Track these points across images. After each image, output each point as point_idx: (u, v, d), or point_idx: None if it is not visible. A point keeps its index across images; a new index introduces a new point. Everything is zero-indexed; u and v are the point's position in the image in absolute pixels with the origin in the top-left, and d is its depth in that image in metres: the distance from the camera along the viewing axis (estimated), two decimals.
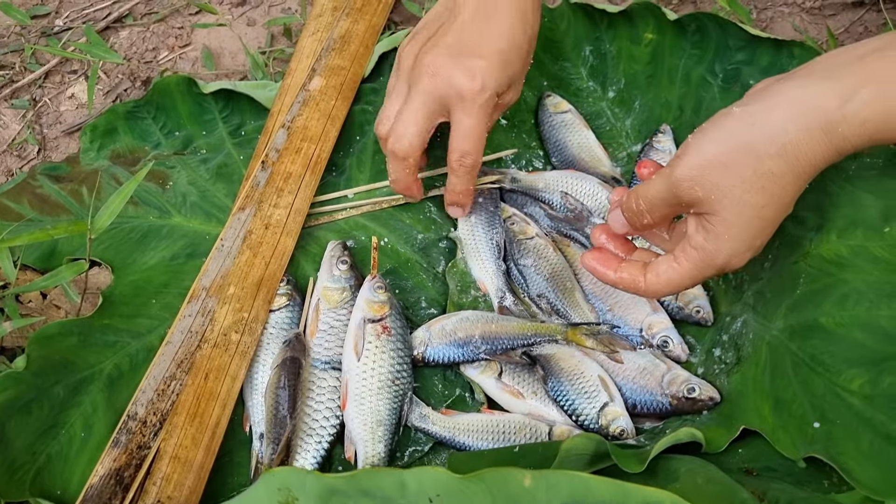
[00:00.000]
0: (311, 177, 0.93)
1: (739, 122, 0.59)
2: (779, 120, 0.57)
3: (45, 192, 0.97)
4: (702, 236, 0.62)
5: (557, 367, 0.80)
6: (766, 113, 0.58)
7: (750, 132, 0.58)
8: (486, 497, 0.52)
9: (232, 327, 0.83)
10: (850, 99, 0.56)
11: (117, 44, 1.18)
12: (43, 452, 0.76)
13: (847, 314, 0.62)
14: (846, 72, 0.57)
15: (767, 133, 0.57)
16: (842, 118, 0.56)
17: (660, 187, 0.63)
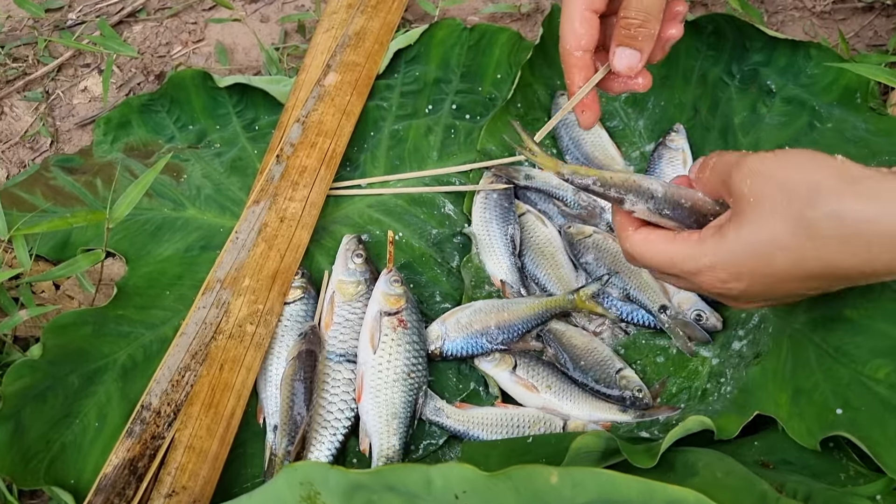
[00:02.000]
0: (326, 171, 0.94)
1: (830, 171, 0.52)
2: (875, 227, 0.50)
3: (59, 184, 0.97)
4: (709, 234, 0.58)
5: (570, 343, 0.83)
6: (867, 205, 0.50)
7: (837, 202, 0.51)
8: (511, 494, 0.52)
9: (247, 319, 0.83)
10: None
11: (130, 38, 1.18)
12: (57, 441, 0.76)
13: (872, 305, 0.63)
14: None
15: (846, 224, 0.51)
16: None
17: (729, 158, 0.58)
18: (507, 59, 1.04)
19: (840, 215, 0.51)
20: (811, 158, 0.54)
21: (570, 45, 0.68)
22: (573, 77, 0.68)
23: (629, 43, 0.66)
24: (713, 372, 0.79)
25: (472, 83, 1.04)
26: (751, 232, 0.55)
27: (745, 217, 0.55)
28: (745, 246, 0.55)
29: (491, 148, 0.96)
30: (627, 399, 0.79)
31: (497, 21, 1.15)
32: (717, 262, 0.57)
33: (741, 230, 0.55)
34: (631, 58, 0.67)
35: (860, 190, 0.50)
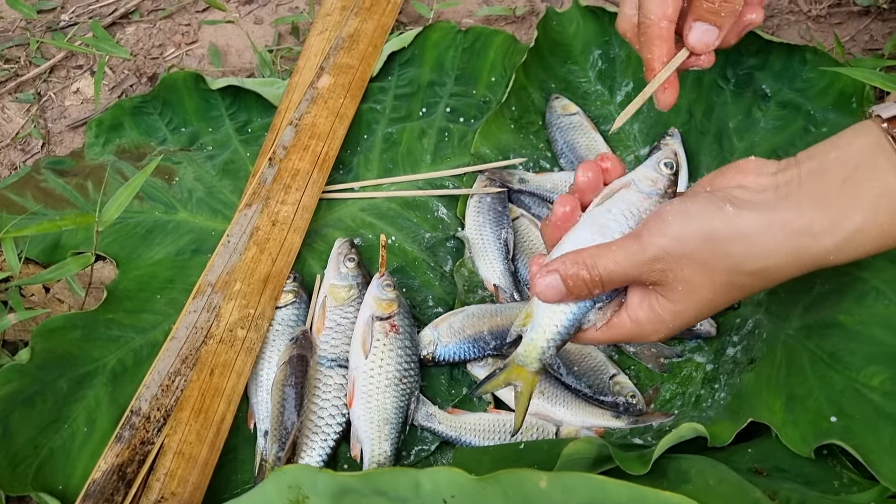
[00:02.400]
0: (318, 174, 0.93)
1: (728, 227, 0.55)
2: (769, 243, 0.55)
3: (49, 186, 0.96)
4: (645, 314, 0.60)
5: (565, 349, 0.81)
6: (759, 230, 0.55)
7: (736, 243, 0.55)
8: (501, 499, 0.52)
9: (238, 323, 0.82)
10: (842, 227, 0.54)
11: (123, 40, 1.18)
12: (45, 446, 0.75)
13: (866, 312, 0.63)
14: (835, 197, 0.54)
15: (755, 252, 0.55)
16: (835, 248, 0.54)
17: (623, 262, 0.58)
18: (502, 61, 1.03)
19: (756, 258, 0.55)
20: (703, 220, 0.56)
21: (655, 15, 0.64)
22: (655, 50, 0.65)
23: (710, 18, 0.63)
24: (707, 378, 0.79)
25: (466, 86, 1.03)
26: (697, 307, 0.58)
27: (683, 300, 0.58)
28: (691, 317, 0.59)
29: (485, 151, 0.96)
30: (621, 405, 0.79)
31: (492, 24, 1.15)
32: (666, 333, 0.61)
33: (683, 311, 0.58)
34: (708, 34, 0.64)
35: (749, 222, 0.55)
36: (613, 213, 0.61)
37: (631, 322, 0.61)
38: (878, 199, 0.54)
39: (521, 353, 0.63)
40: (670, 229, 0.56)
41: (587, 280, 0.58)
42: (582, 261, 0.58)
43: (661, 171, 0.62)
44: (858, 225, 0.54)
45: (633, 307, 0.60)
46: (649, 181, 0.62)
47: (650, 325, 0.60)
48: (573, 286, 0.59)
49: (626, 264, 0.57)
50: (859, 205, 0.54)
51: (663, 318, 0.59)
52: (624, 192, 0.62)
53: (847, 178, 0.54)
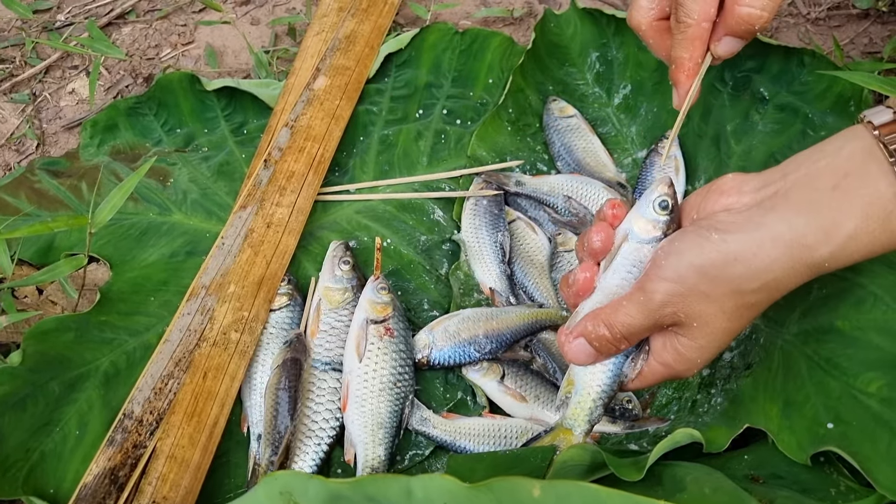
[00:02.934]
0: (314, 176, 0.92)
1: (720, 255, 0.55)
2: (763, 260, 0.55)
3: (44, 187, 0.96)
4: (671, 356, 0.61)
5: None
6: (750, 251, 0.55)
7: (732, 267, 0.55)
8: None
9: (231, 326, 0.82)
10: (835, 235, 0.54)
11: (119, 40, 1.17)
12: (37, 450, 0.75)
13: (864, 317, 0.62)
14: (826, 205, 0.54)
15: (751, 272, 0.55)
16: (829, 256, 0.54)
17: (637, 315, 0.59)
18: (499, 63, 1.03)
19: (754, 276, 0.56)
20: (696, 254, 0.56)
21: (698, 16, 0.64)
22: (693, 50, 0.65)
23: (745, 36, 0.64)
24: (704, 383, 0.78)
25: (463, 88, 1.03)
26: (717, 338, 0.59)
27: (703, 335, 0.58)
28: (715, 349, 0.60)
29: (482, 153, 0.95)
30: (617, 410, 0.78)
31: (489, 25, 1.14)
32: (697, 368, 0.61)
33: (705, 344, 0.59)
34: (736, 46, 0.65)
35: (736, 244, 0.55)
36: (620, 273, 0.61)
37: (661, 366, 0.62)
38: (868, 206, 0.53)
39: (570, 416, 0.64)
40: (666, 272, 0.57)
41: (610, 338, 0.60)
42: (600, 320, 0.60)
43: (658, 215, 0.61)
44: (851, 232, 0.54)
45: (659, 352, 0.61)
46: (646, 230, 0.61)
47: (679, 365, 0.61)
48: (600, 346, 0.61)
49: (639, 316, 0.59)
50: (850, 212, 0.54)
51: (689, 356, 0.60)
52: (624, 248, 0.62)
53: (837, 186, 0.54)
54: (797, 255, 0.54)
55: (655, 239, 0.61)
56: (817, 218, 0.54)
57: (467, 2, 1.17)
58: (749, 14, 0.63)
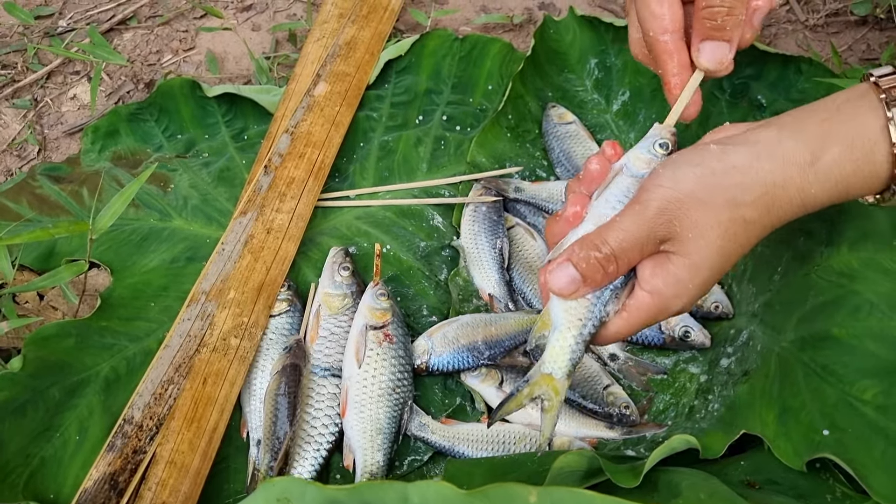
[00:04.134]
0: (314, 182, 0.93)
1: (719, 162, 0.56)
2: (760, 170, 0.56)
3: (45, 193, 0.96)
4: (661, 280, 0.57)
5: None
6: (748, 159, 0.56)
7: (730, 175, 0.56)
8: None
9: (231, 332, 0.82)
10: (821, 157, 0.56)
11: (121, 46, 1.18)
12: (37, 455, 0.75)
13: (860, 325, 0.62)
14: (814, 132, 0.56)
15: (748, 182, 0.56)
16: (815, 180, 0.56)
17: (630, 227, 0.56)
18: (499, 70, 1.03)
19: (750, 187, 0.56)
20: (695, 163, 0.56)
21: (653, 31, 0.63)
22: (666, 64, 0.63)
23: (717, 35, 0.61)
24: (701, 389, 0.79)
25: (462, 94, 1.03)
26: (710, 258, 0.56)
27: (696, 251, 0.56)
28: (707, 275, 0.57)
29: (481, 160, 0.96)
30: (614, 416, 0.79)
31: (489, 32, 1.15)
32: (689, 299, 0.58)
33: (698, 263, 0.56)
34: (719, 51, 0.62)
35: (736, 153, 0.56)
36: (611, 203, 0.59)
37: (650, 295, 0.57)
38: (854, 136, 0.56)
39: (549, 360, 0.58)
40: (664, 179, 0.56)
41: (600, 259, 0.56)
42: (590, 241, 0.56)
43: (656, 153, 0.60)
44: (836, 157, 0.56)
45: (647, 279, 0.57)
46: (643, 163, 0.59)
47: (670, 289, 0.57)
48: (587, 269, 0.56)
49: (632, 227, 0.56)
50: (836, 139, 0.56)
51: (681, 277, 0.56)
52: (619, 179, 0.60)
53: (827, 119, 0.57)
54: (789, 174, 0.56)
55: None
56: (805, 141, 0.56)
57: (467, 8, 1.18)
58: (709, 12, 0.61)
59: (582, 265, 0.56)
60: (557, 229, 0.61)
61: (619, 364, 0.83)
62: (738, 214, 0.56)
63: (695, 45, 0.62)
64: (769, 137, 0.57)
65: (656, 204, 0.55)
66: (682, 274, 0.56)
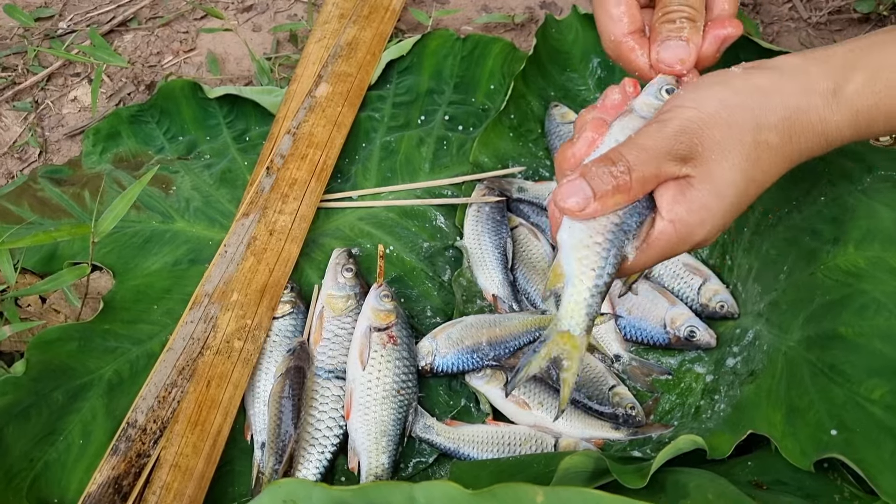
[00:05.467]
0: (316, 183, 0.93)
1: (744, 83, 0.55)
2: (783, 91, 0.55)
3: (46, 195, 0.96)
4: (684, 207, 0.53)
5: None
6: (772, 82, 0.55)
7: (753, 96, 0.55)
8: None
9: (235, 334, 0.82)
10: (843, 87, 0.56)
11: (121, 47, 1.17)
12: (40, 459, 0.75)
13: (867, 324, 0.62)
14: (839, 60, 0.57)
15: (772, 104, 0.55)
16: (836, 107, 0.56)
17: (649, 143, 0.53)
18: (501, 69, 1.03)
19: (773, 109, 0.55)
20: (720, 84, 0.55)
21: (614, 35, 0.62)
22: (636, 61, 0.62)
23: (675, 36, 0.60)
24: (707, 389, 0.78)
25: (465, 94, 1.03)
26: (734, 182, 0.54)
27: (720, 174, 0.54)
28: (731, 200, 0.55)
29: (484, 160, 0.95)
30: (620, 416, 0.78)
31: (491, 31, 1.14)
32: (712, 228, 0.55)
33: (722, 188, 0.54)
34: (680, 49, 0.60)
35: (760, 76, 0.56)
36: (618, 139, 0.56)
37: (672, 224, 0.54)
38: (878, 67, 0.56)
39: (565, 314, 0.54)
40: (685, 100, 0.55)
41: (613, 172, 0.52)
42: (604, 157, 0.53)
43: (662, 97, 0.58)
44: (858, 87, 0.56)
45: (669, 206, 0.54)
46: (651, 107, 0.58)
47: (694, 216, 0.54)
48: (599, 183, 0.52)
49: (650, 142, 0.53)
50: (860, 67, 0.56)
51: (706, 202, 0.53)
52: (625, 119, 0.58)
53: (853, 49, 0.57)
54: (812, 101, 0.55)
55: None
56: (831, 69, 0.56)
57: (469, 8, 1.18)
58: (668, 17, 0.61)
59: (594, 180, 0.53)
60: (569, 154, 0.58)
61: (623, 365, 0.83)
62: (761, 137, 0.55)
63: (654, 49, 0.61)
64: (794, 63, 0.57)
65: (677, 122, 0.53)
66: (706, 199, 0.54)
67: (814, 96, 0.56)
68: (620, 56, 0.64)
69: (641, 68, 0.63)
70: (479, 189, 0.93)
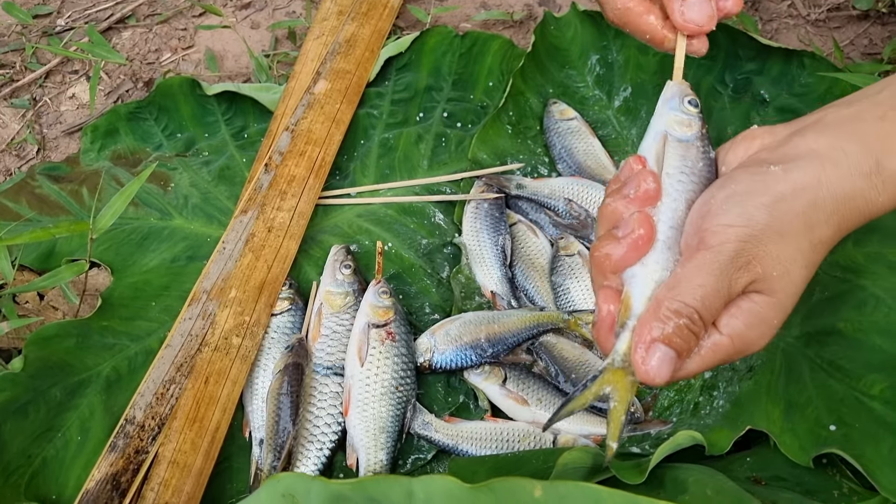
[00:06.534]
0: (314, 180, 0.92)
1: (787, 185, 0.50)
2: (828, 184, 0.50)
3: (44, 192, 0.96)
4: (742, 322, 0.50)
5: (562, 356, 0.82)
6: (815, 177, 0.50)
7: (800, 199, 0.50)
8: None
9: (233, 331, 0.82)
10: (885, 164, 0.51)
11: (119, 44, 1.17)
12: (38, 456, 0.75)
13: (866, 319, 0.62)
14: (874, 133, 0.51)
15: (819, 200, 0.50)
16: (882, 187, 0.51)
17: (707, 278, 0.49)
18: (499, 66, 1.03)
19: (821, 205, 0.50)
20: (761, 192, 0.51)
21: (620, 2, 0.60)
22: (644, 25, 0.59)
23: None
24: (706, 385, 0.78)
25: (463, 91, 1.03)
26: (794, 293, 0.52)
27: (782, 288, 0.51)
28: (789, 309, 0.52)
29: (482, 156, 0.95)
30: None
31: (489, 28, 1.14)
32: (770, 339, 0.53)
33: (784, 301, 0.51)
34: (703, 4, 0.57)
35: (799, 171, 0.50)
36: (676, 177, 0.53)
37: (729, 339, 0.51)
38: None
39: (622, 352, 0.51)
40: (731, 217, 0.50)
41: (690, 326, 0.49)
42: (666, 309, 0.49)
43: (690, 112, 0.55)
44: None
45: (726, 321, 0.51)
46: (683, 125, 0.54)
47: (754, 331, 0.51)
48: (681, 343, 0.49)
49: (709, 279, 0.49)
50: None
51: (766, 316, 0.51)
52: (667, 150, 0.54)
53: (884, 117, 0.52)
54: (857, 186, 0.50)
55: (696, 136, 0.54)
56: (868, 146, 0.51)
57: (467, 5, 1.17)
58: None
59: (675, 340, 0.49)
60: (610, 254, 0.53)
61: None
62: (815, 238, 0.51)
63: (676, 9, 0.58)
64: (828, 146, 0.51)
65: (731, 247, 0.49)
66: (767, 314, 0.51)
67: (858, 179, 0.51)
68: (628, 23, 0.61)
69: (652, 31, 0.60)
70: (477, 186, 0.93)
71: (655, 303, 0.50)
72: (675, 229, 0.52)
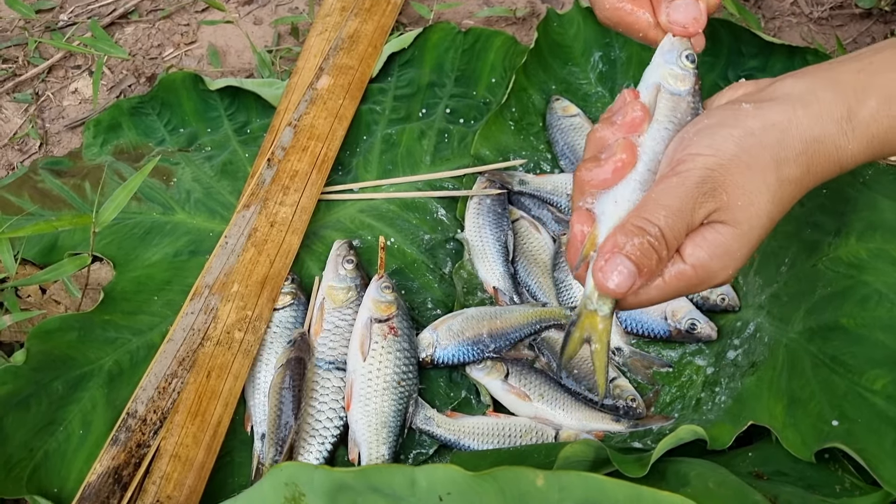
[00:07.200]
0: (317, 175, 0.92)
1: (759, 121, 0.53)
2: (798, 124, 0.53)
3: (47, 187, 0.96)
4: (706, 252, 0.52)
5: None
6: (786, 116, 0.53)
7: (769, 134, 0.52)
8: (497, 496, 0.51)
9: (235, 325, 0.82)
10: (857, 112, 0.54)
11: (122, 40, 1.17)
12: (40, 449, 0.75)
13: (868, 315, 0.62)
14: (849, 84, 0.54)
15: (788, 137, 0.53)
16: (851, 134, 0.54)
17: (674, 201, 0.51)
18: (502, 63, 1.03)
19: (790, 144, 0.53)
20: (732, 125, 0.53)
21: (609, 3, 0.61)
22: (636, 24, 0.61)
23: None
24: (707, 381, 0.78)
25: (466, 87, 1.03)
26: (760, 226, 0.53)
27: (746, 219, 0.53)
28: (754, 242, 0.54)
29: (485, 153, 0.95)
30: (621, 408, 0.78)
31: (492, 25, 1.14)
32: (734, 270, 0.54)
33: (747, 232, 0.53)
34: (689, 7, 0.58)
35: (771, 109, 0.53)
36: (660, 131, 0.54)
37: (692, 268, 0.52)
38: (891, 90, 0.54)
39: (591, 294, 0.52)
40: (701, 146, 0.52)
41: (652, 243, 0.51)
42: (633, 227, 0.51)
43: (686, 67, 0.56)
44: (872, 112, 0.54)
45: (690, 251, 0.52)
46: (678, 79, 0.55)
47: (717, 262, 0.52)
48: (641, 257, 0.51)
49: (676, 204, 0.51)
50: (871, 92, 0.54)
51: (730, 247, 0.52)
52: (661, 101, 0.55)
53: (862, 70, 0.54)
54: (826, 129, 0.53)
55: (689, 91, 0.56)
56: (842, 94, 0.53)
57: (470, 1, 1.17)
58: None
59: (635, 254, 0.51)
60: (594, 175, 0.55)
61: (623, 357, 0.83)
62: (783, 174, 0.53)
63: (663, 11, 0.59)
64: (803, 90, 0.54)
65: (697, 172, 0.51)
66: (731, 244, 0.52)
67: (828, 124, 0.53)
68: (620, 22, 0.62)
69: (645, 29, 0.61)
70: (480, 182, 0.93)
71: (622, 222, 0.52)
72: (651, 172, 0.54)
